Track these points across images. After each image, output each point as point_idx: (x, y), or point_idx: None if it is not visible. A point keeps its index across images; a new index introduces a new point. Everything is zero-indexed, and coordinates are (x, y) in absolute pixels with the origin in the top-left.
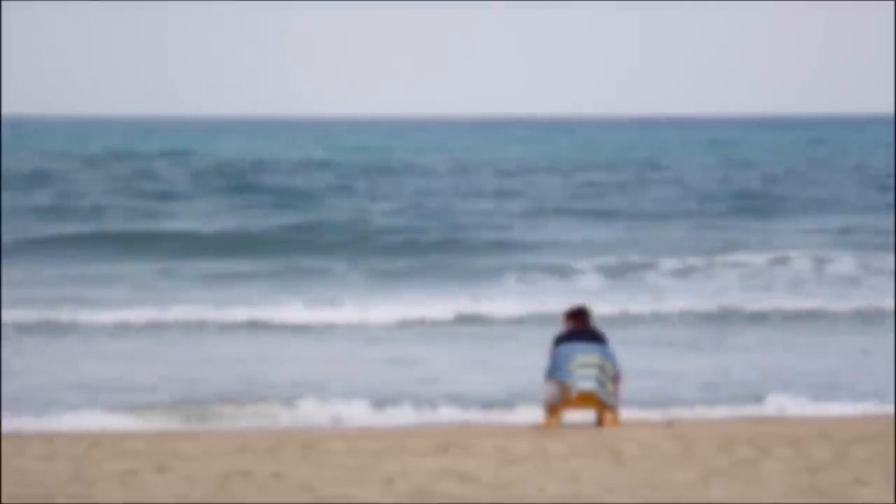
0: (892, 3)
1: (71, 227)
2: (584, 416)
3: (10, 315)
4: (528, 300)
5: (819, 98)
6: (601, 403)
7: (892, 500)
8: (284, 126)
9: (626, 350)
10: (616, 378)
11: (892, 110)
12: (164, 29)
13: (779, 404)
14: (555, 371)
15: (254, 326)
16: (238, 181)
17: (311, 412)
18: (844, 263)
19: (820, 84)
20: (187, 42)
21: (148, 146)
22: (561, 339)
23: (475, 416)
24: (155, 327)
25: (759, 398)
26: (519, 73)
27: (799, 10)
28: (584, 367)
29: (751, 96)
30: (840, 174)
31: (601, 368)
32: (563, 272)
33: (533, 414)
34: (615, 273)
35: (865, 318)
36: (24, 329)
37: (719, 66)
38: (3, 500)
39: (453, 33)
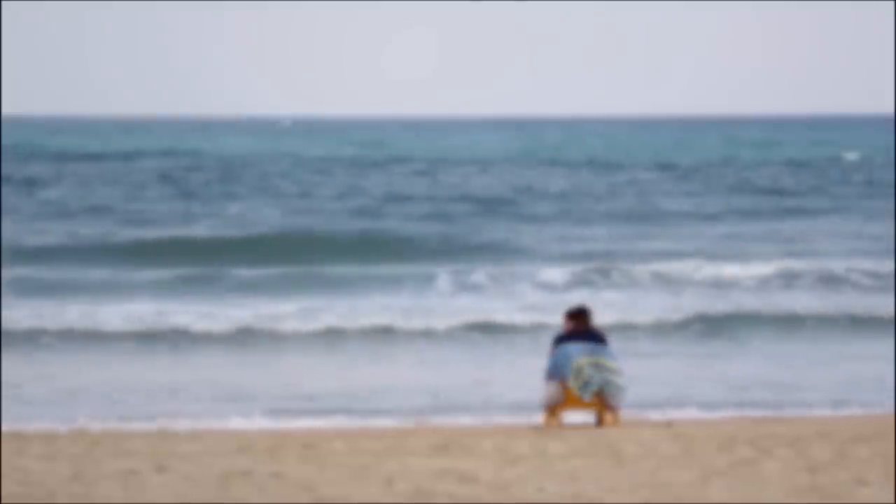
0: (892, 3)
1: (83, 230)
2: (584, 416)
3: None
4: (517, 305)
5: (819, 98)
6: (605, 403)
7: (893, 500)
8: (295, 126)
9: (625, 353)
10: (619, 376)
11: (892, 110)
12: (163, 29)
13: (778, 404)
14: (555, 371)
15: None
16: (250, 183)
17: (314, 415)
18: (844, 266)
19: (820, 84)
20: (187, 42)
21: (151, 146)
22: (561, 339)
23: (475, 416)
24: (160, 335)
25: (760, 399)
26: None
27: (799, 9)
28: (589, 367)
29: (750, 97)
30: (840, 175)
31: (605, 368)
32: (562, 276)
33: (533, 414)
34: (614, 274)
35: (865, 321)
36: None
37: (719, 66)
38: (3, 500)
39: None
